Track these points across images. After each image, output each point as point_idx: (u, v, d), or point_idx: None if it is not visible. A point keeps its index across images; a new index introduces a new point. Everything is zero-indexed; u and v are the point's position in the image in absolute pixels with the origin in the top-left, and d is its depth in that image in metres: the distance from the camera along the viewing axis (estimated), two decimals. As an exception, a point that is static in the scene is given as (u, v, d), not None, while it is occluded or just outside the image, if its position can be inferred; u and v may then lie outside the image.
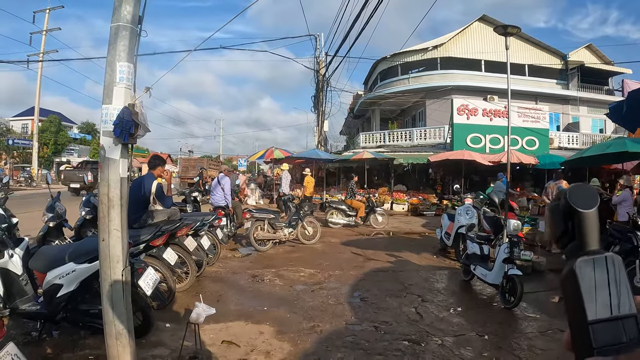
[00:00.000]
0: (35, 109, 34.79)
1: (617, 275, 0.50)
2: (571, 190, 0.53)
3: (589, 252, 0.51)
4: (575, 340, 0.50)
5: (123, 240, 3.24)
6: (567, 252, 0.54)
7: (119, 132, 3.10)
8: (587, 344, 0.47)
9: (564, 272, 0.53)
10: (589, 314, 0.47)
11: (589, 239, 0.51)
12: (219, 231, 8.29)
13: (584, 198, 0.51)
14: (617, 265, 0.50)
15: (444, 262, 8.84)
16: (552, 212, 0.55)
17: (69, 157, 48.80)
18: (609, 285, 0.49)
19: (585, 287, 0.49)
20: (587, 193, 0.52)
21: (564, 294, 0.53)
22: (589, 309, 0.47)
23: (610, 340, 0.47)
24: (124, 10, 3.30)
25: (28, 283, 4.50)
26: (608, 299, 0.48)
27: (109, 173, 3.20)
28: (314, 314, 5.45)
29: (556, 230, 0.55)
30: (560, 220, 0.54)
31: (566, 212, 0.52)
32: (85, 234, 7.32)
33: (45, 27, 32.70)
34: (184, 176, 30.86)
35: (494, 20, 27.06)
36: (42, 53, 32.01)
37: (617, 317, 0.48)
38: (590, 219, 0.51)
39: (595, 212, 0.51)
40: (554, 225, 0.55)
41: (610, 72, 30.21)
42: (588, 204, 0.51)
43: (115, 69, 3.24)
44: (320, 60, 23.04)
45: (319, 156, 19.32)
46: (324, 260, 8.73)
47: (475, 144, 20.84)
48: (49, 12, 33.04)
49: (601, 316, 0.47)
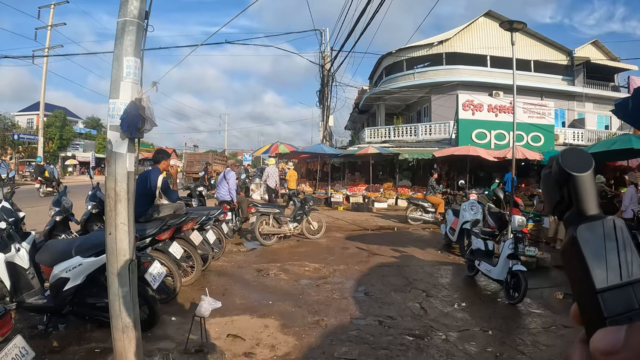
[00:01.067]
0: (41, 104, 34.86)
1: (623, 239, 0.47)
2: (563, 153, 0.49)
3: (590, 218, 0.48)
4: (584, 312, 0.47)
5: (130, 234, 3.27)
6: (565, 221, 0.51)
7: (126, 126, 3.12)
8: (597, 314, 0.44)
9: (564, 241, 0.50)
10: (597, 282, 0.44)
11: (588, 204, 0.47)
12: (224, 225, 8.33)
13: (578, 161, 0.47)
14: (622, 228, 0.47)
15: (449, 257, 8.85)
16: (546, 180, 0.52)
17: (74, 152, 49.01)
18: (618, 250, 0.46)
19: (590, 254, 0.45)
20: (581, 155, 0.48)
21: (566, 265, 0.48)
22: (596, 277, 0.44)
23: (623, 308, 0.44)
24: (131, 5, 3.31)
25: (35, 277, 4.55)
26: (617, 264, 0.46)
27: (116, 167, 3.22)
28: (319, 308, 5.48)
29: (552, 200, 0.52)
30: (554, 188, 0.50)
31: (560, 178, 0.49)
32: (92, 227, 7.37)
33: (51, 22, 32.72)
34: (189, 171, 30.91)
35: (499, 16, 26.87)
36: (48, 48, 32.03)
37: (628, 283, 0.45)
38: (587, 182, 0.47)
39: (591, 174, 0.48)
40: (549, 195, 0.52)
41: (616, 69, 29.96)
42: (583, 167, 0.47)
43: (122, 64, 3.25)
44: (325, 55, 22.98)
45: (324, 151, 19.28)
46: (329, 255, 8.76)
47: (480, 139, 20.75)
48: (54, 7, 33.08)
49: (610, 283, 0.44)
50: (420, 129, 25.58)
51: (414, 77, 28.36)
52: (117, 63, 3.26)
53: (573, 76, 28.27)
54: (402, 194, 19.02)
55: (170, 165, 6.68)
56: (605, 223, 0.47)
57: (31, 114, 51.10)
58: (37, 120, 42.88)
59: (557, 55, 28.26)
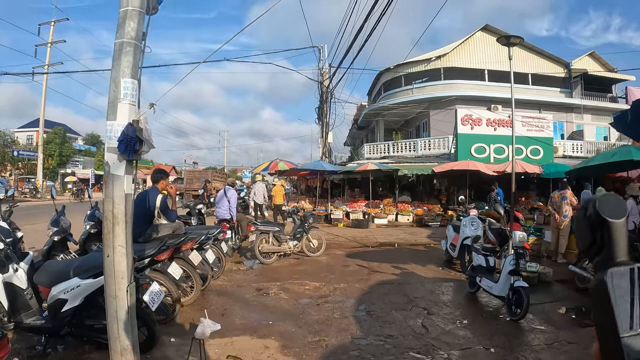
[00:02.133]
0: (40, 121, 35.03)
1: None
2: (600, 199, 0.50)
3: (620, 263, 0.48)
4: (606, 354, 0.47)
5: (128, 256, 3.25)
6: (596, 264, 0.51)
7: (123, 148, 3.13)
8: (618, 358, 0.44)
9: (594, 283, 0.49)
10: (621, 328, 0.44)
11: (619, 250, 0.47)
12: (223, 244, 8.30)
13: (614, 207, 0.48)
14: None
15: (450, 274, 8.80)
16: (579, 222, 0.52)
17: (74, 169, 49.16)
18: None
19: (617, 300, 0.45)
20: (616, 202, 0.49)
21: (594, 306, 0.50)
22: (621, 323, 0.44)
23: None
24: (128, 26, 3.34)
25: (33, 297, 4.52)
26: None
27: (114, 189, 3.22)
28: (320, 328, 5.43)
29: (585, 240, 0.52)
30: (588, 231, 0.51)
31: (595, 222, 0.49)
32: (90, 247, 7.34)
33: (51, 39, 33.08)
34: (188, 188, 30.88)
35: (496, 30, 27.17)
36: (48, 65, 32.31)
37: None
38: (620, 229, 0.48)
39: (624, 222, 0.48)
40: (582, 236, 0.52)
41: (613, 80, 30.17)
42: (617, 214, 0.48)
43: (119, 85, 3.27)
44: (324, 72, 23.10)
45: (324, 168, 19.30)
46: (329, 273, 8.71)
47: (479, 153, 20.78)
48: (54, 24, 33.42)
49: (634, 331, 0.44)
50: (419, 144, 25.68)
51: (412, 92, 28.55)
52: (115, 84, 3.28)
53: (571, 88, 28.46)
54: (402, 209, 18.98)
55: (169, 185, 6.68)
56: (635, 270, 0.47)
57: (31, 130, 51.42)
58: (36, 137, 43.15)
59: (555, 67, 28.47)
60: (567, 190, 9.90)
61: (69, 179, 47.22)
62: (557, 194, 10.10)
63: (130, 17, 3.34)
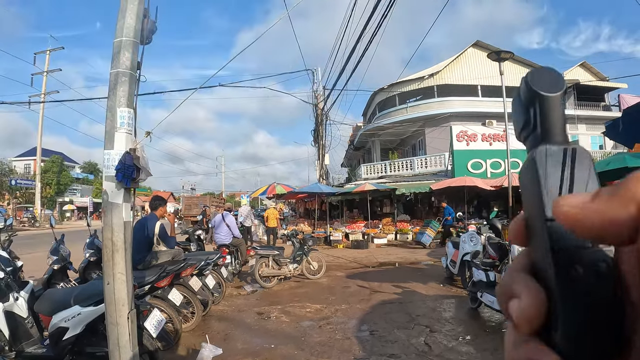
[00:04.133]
0: (38, 150, 35.14)
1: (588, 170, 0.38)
2: (533, 72, 0.42)
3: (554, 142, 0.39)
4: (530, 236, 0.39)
5: (128, 283, 3.27)
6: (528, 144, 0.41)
7: (121, 176, 3.17)
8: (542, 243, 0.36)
9: (523, 163, 0.42)
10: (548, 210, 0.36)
11: (554, 127, 0.39)
12: (223, 269, 8.29)
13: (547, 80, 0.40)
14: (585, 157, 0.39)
15: (451, 290, 8.78)
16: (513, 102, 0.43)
17: (72, 197, 49.12)
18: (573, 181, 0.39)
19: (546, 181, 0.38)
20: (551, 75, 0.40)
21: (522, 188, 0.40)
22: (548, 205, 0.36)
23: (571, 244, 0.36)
24: (123, 57, 3.41)
25: (34, 326, 4.52)
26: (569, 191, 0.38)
27: (113, 217, 3.25)
28: (322, 350, 5.40)
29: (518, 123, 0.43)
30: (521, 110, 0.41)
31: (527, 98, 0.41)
32: (90, 275, 7.33)
33: (46, 68, 33.39)
34: (187, 214, 30.79)
35: (487, 46, 27.51)
36: (44, 94, 32.56)
37: None
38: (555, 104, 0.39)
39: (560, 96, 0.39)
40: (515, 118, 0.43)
41: (606, 88, 30.41)
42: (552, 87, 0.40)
43: (115, 115, 3.33)
44: (318, 94, 23.25)
45: (321, 190, 19.34)
46: (330, 294, 8.68)
47: (476, 169, 20.88)
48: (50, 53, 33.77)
49: None
50: (415, 163, 25.78)
51: (406, 111, 28.78)
52: (111, 114, 3.34)
53: (564, 99, 28.63)
54: (402, 228, 18.97)
55: (167, 212, 6.73)
56: (568, 151, 0.41)
57: (28, 159, 51.46)
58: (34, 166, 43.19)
59: (547, 79, 28.69)
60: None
61: (67, 207, 47.17)
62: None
63: (125, 47, 3.42)
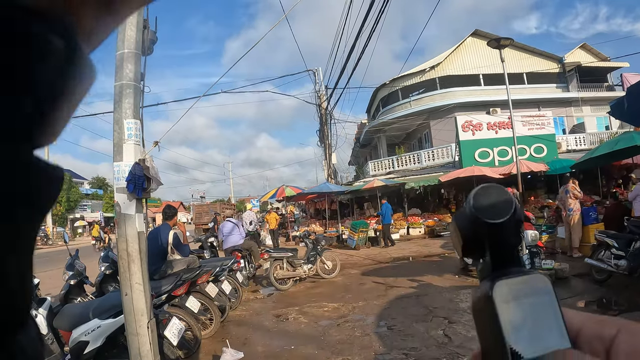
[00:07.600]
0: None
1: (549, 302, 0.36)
2: (476, 194, 0.39)
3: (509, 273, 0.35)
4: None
5: (145, 293, 3.30)
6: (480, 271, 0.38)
7: (132, 187, 3.20)
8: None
9: (476, 297, 0.38)
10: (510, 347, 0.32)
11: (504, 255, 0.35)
12: (238, 274, 8.33)
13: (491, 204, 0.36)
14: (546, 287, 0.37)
15: (467, 281, 8.74)
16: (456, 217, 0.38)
17: (82, 213, 49.51)
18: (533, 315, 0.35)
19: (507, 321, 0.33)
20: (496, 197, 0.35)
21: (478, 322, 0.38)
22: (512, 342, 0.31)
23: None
24: (126, 69, 3.44)
25: (54, 342, 4.57)
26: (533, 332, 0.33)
27: (126, 228, 3.28)
28: (342, 348, 5.41)
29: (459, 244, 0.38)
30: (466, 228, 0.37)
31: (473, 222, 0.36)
32: (107, 288, 7.38)
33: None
34: (198, 222, 30.95)
35: (486, 34, 27.30)
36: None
37: None
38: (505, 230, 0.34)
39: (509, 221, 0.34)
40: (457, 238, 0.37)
41: (608, 68, 30.04)
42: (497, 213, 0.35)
43: (122, 127, 3.36)
44: (321, 94, 23.22)
45: (330, 189, 19.35)
46: (346, 292, 8.68)
47: (483, 158, 20.76)
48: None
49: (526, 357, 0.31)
50: (423, 156, 25.70)
51: (410, 105, 28.64)
52: (118, 126, 3.37)
53: (567, 82, 28.40)
54: (413, 222, 18.93)
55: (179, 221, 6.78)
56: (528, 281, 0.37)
57: (36, 179, 51.82)
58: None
59: (548, 63, 28.47)
60: (568, 184, 9.89)
61: (79, 223, 47.50)
62: (561, 190, 10.12)
63: (127, 59, 3.45)
